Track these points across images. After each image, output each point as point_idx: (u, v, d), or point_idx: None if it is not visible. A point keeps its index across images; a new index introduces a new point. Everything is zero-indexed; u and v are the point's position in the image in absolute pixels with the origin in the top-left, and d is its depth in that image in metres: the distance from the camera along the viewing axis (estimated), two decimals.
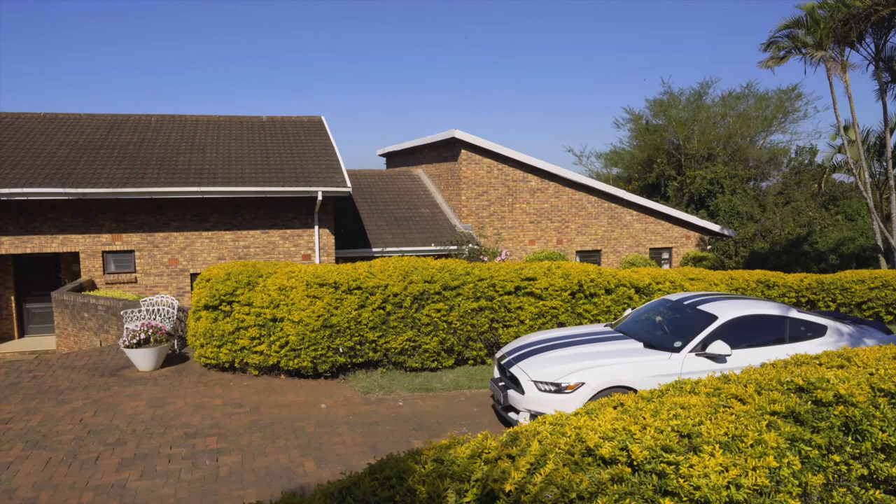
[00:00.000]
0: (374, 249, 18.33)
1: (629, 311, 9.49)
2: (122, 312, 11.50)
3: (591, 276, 10.77)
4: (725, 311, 7.81)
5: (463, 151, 19.84)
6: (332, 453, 7.05)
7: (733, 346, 7.42)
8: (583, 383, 7.01)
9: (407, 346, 9.90)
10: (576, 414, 3.68)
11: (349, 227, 19.03)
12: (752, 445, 3.28)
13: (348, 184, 16.02)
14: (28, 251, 15.33)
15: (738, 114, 30.95)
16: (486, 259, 17.53)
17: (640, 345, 7.68)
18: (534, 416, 7.13)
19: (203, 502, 5.93)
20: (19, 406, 8.68)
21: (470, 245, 18.04)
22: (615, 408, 3.75)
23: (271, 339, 9.73)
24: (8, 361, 12.26)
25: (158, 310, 11.39)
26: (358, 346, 9.84)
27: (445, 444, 3.27)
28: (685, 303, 8.49)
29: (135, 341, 10.04)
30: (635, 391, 6.89)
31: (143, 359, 10.07)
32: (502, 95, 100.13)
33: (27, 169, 15.32)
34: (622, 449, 3.20)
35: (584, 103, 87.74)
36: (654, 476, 3.04)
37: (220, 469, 6.62)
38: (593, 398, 6.96)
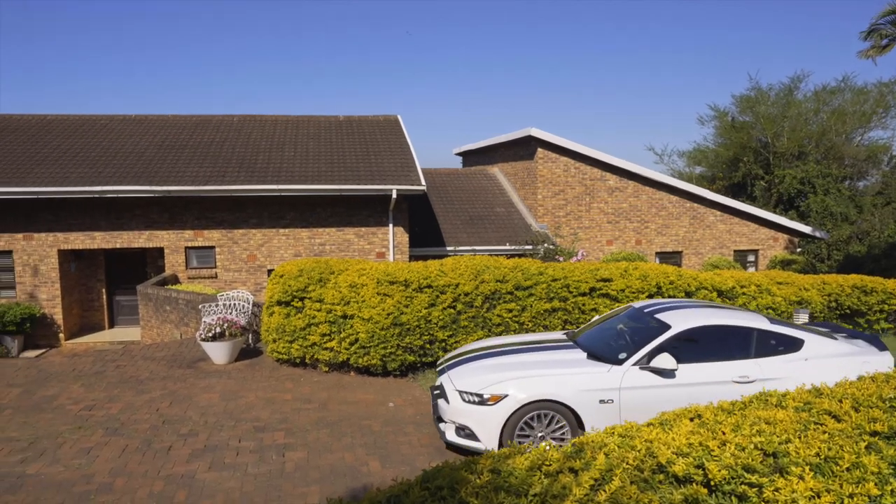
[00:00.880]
0: (449, 248, 18.24)
1: (596, 317, 8.87)
2: (200, 306, 11.82)
3: (670, 277, 10.29)
4: (681, 320, 7.03)
5: (539, 150, 19.49)
6: (398, 453, 6.95)
7: (687, 359, 6.67)
8: (506, 395, 6.51)
9: None
10: (648, 425, 3.39)
11: (424, 225, 19.02)
12: (848, 469, 2.92)
13: (423, 182, 15.98)
14: (117, 246, 16.04)
15: (832, 109, 29.11)
16: (561, 259, 17.13)
17: (585, 355, 7.06)
18: (460, 428, 6.70)
19: (267, 498, 5.93)
20: (102, 394, 9.01)
21: (545, 245, 17.68)
22: (691, 420, 3.43)
23: (341, 335, 9.75)
24: (97, 350, 12.83)
25: (234, 304, 11.64)
26: (427, 346, 9.73)
27: (504, 454, 3.06)
28: (646, 310, 7.73)
29: (210, 335, 10.27)
30: (568, 406, 6.44)
31: (217, 352, 10.30)
32: (579, 94, 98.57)
33: (118, 168, 16.03)
34: (698, 467, 2.90)
35: (667, 101, 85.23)
36: (733, 499, 2.74)
37: (285, 465, 6.63)
38: (519, 412, 6.46)
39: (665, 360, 6.49)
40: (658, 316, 7.30)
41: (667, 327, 6.93)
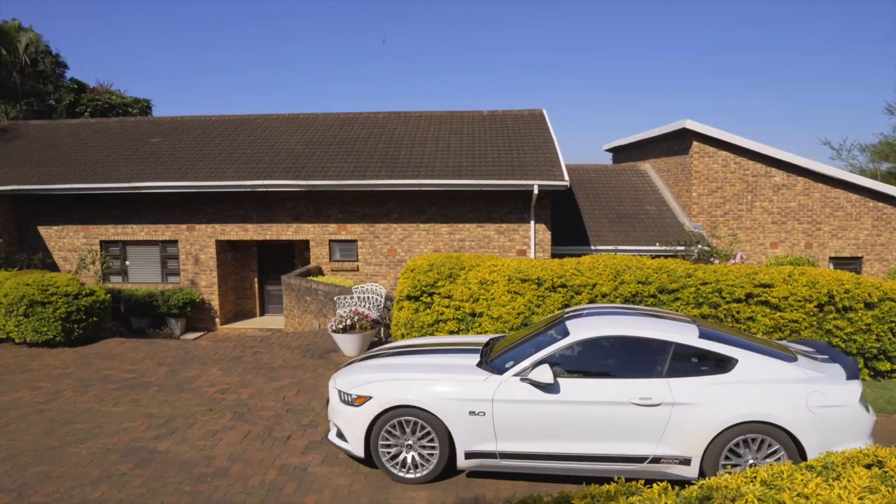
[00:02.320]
0: (593, 248, 17.36)
1: (538, 320, 7.75)
2: (335, 298, 11.95)
3: (845, 285, 8.90)
4: (583, 329, 5.99)
5: (695, 143, 18.03)
6: None
7: (581, 374, 5.77)
8: (370, 397, 5.97)
9: None
10: (805, 469, 2.63)
11: (567, 223, 18.25)
12: None
13: (566, 177, 15.26)
14: (267, 238, 16.77)
15: None
16: (717, 262, 15.69)
17: (475, 362, 6.25)
18: (337, 427, 6.21)
19: (373, 499, 5.65)
20: (237, 378, 9.26)
21: (699, 246, 16.30)
22: (868, 467, 2.63)
23: (469, 333, 9.36)
24: (240, 337, 13.39)
25: (368, 297, 11.64)
26: None
27: (607, 491, 2.47)
28: (567, 314, 6.73)
29: (342, 326, 10.29)
30: (434, 415, 5.79)
31: (348, 344, 10.29)
32: (740, 87, 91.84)
33: (269, 164, 16.75)
34: None
35: (844, 93, 77.15)
36: None
37: None
38: (381, 415, 5.91)
39: (541, 373, 5.59)
40: (567, 322, 6.33)
41: (565, 336, 5.98)
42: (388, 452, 5.96)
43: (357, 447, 6.04)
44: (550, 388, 5.66)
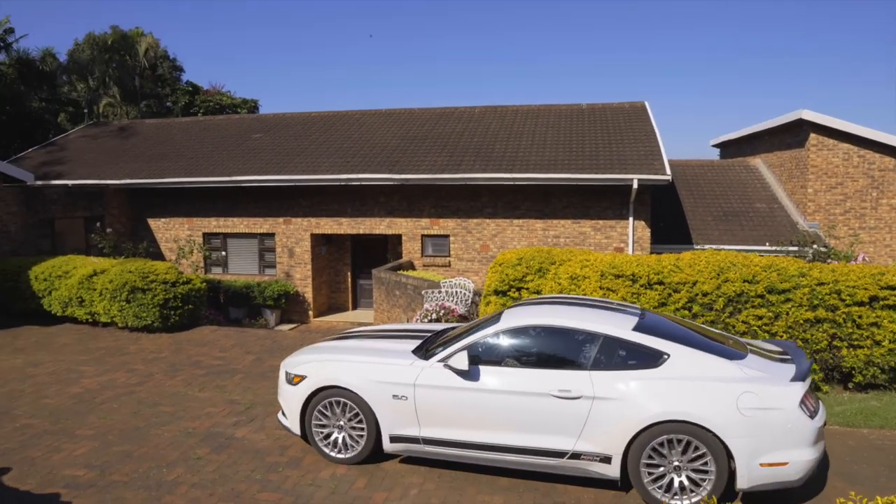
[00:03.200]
0: (696, 246, 16.35)
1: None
2: (423, 292, 11.75)
3: None
4: (512, 317, 5.86)
5: (812, 135, 16.62)
6: None
7: (505, 363, 5.60)
8: (305, 376, 6.10)
9: None
10: None
11: (669, 220, 17.31)
12: None
13: (667, 171, 14.41)
14: (360, 232, 16.86)
15: None
16: (834, 263, 14.36)
17: (405, 347, 6.24)
18: (283, 408, 6.35)
19: (445, 500, 5.34)
20: None
21: (815, 246, 14.98)
22: None
23: None
24: (327, 329, 13.46)
25: (456, 292, 11.38)
26: None
27: None
28: (516, 305, 6.52)
29: (427, 320, 10.06)
30: (360, 397, 5.83)
31: None
32: (861, 74, 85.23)
33: (364, 158, 16.83)
34: None
35: None
36: None
37: (474, 467, 5.98)
38: (313, 395, 6.04)
39: (458, 360, 5.54)
40: (506, 311, 6.20)
41: (495, 323, 5.84)
42: (321, 432, 6.08)
43: (294, 425, 6.20)
44: (469, 376, 5.57)
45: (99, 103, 31.35)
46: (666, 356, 5.30)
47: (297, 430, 6.18)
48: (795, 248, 14.94)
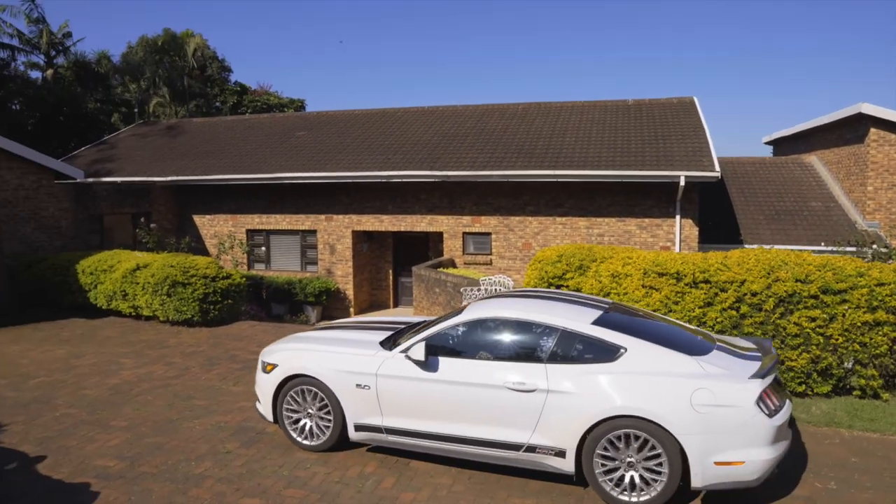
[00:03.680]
0: (746, 247, 15.74)
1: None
2: (461, 289, 11.58)
3: None
4: (473, 310, 5.90)
5: (872, 130, 15.85)
6: None
7: (466, 354, 5.62)
8: (277, 365, 6.25)
9: None
10: None
11: (718, 219, 16.74)
12: None
13: (716, 168, 13.92)
14: (401, 229, 16.79)
15: None
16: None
17: (376, 338, 6.31)
18: (258, 396, 6.48)
19: (476, 503, 5.15)
20: None
21: (875, 247, 14.27)
22: None
23: None
24: None
25: (495, 290, 11.16)
26: None
27: None
28: (485, 298, 6.55)
29: None
30: (327, 386, 5.95)
31: None
32: None
33: (405, 154, 16.75)
34: None
35: None
36: None
37: (501, 468, 5.78)
38: (284, 383, 6.20)
39: (416, 350, 5.60)
40: (472, 304, 6.25)
41: (457, 315, 5.93)
42: (291, 418, 6.21)
43: (267, 412, 6.34)
44: (427, 367, 5.60)
45: (149, 103, 32.12)
46: (623, 350, 5.22)
47: (270, 416, 6.34)
48: (853, 249, 14.27)
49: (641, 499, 4.93)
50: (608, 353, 5.23)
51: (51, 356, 9.78)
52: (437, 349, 5.70)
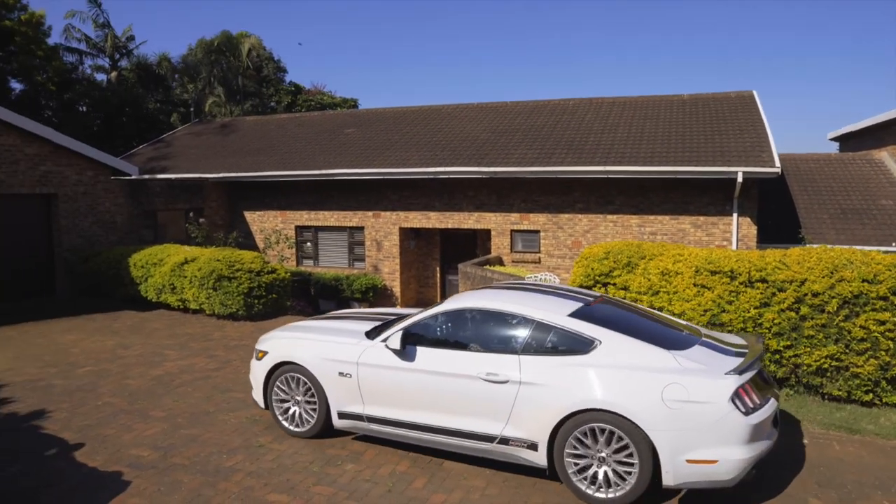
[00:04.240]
0: (809, 247, 15.00)
1: None
2: None
3: None
4: (455, 301, 5.95)
5: None
6: None
7: (443, 344, 5.64)
8: (267, 353, 6.41)
9: (826, 365, 7.32)
10: None
11: (778, 218, 16.02)
12: None
13: (776, 163, 13.29)
14: (449, 226, 16.61)
15: None
16: None
17: (364, 328, 6.33)
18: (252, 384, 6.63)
19: (512, 500, 4.93)
20: None
21: None
22: None
23: None
24: None
25: None
26: None
27: None
28: (470, 291, 6.67)
29: None
30: (311, 373, 6.06)
31: None
32: None
33: (452, 151, 16.58)
34: None
35: None
36: None
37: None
38: (273, 369, 6.34)
39: (393, 340, 5.66)
40: (454, 295, 6.31)
41: (438, 306, 5.96)
42: (281, 406, 6.34)
43: (259, 398, 6.51)
44: (405, 356, 5.63)
45: (205, 103, 32.83)
46: (597, 343, 5.11)
47: (261, 402, 6.49)
48: None
49: (611, 495, 4.81)
50: (582, 345, 5.14)
51: (100, 346, 9.95)
52: (416, 339, 5.72)
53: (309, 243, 18.24)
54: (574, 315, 5.39)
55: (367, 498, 5.05)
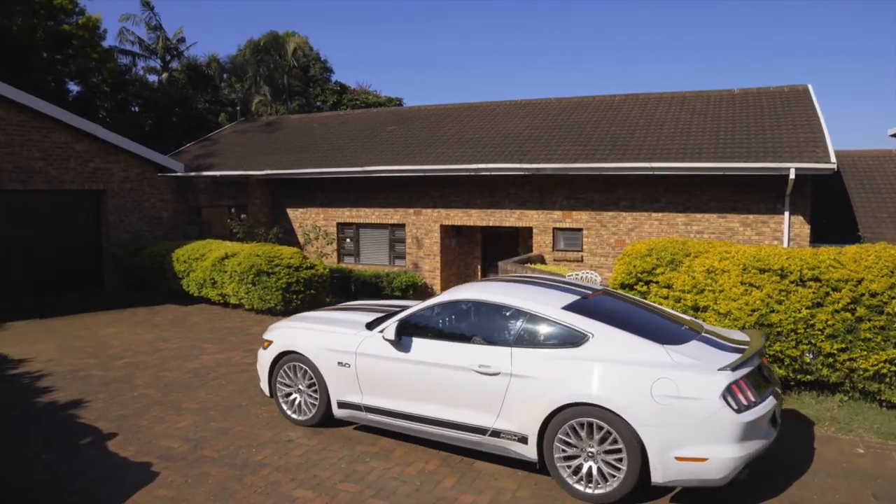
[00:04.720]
0: (867, 244, 14.33)
1: None
2: None
3: None
4: (451, 293, 5.94)
5: None
6: None
7: (439, 336, 5.60)
8: (272, 342, 6.55)
9: (885, 370, 6.90)
10: None
11: (833, 217, 15.37)
12: None
13: (832, 159, 12.69)
14: (490, 224, 16.41)
15: None
16: None
17: (366, 320, 6.37)
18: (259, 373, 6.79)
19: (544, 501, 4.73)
20: None
21: None
22: None
23: None
24: None
25: None
26: (806, 359, 7.28)
27: None
28: (474, 282, 6.59)
29: None
30: (312, 362, 6.16)
31: None
32: None
33: (494, 148, 16.36)
34: None
35: None
36: None
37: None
38: (278, 359, 6.46)
39: (389, 330, 5.69)
40: (452, 288, 6.26)
41: (435, 298, 5.95)
42: (284, 393, 6.46)
43: (265, 386, 6.60)
44: (401, 347, 5.64)
45: (251, 102, 33.32)
46: (589, 336, 5.02)
47: (267, 391, 6.60)
48: None
49: (599, 491, 4.68)
50: (574, 338, 5.06)
51: (140, 339, 10.09)
52: (412, 330, 5.72)
53: (350, 240, 18.27)
54: (568, 308, 5.31)
55: (394, 496, 4.92)
